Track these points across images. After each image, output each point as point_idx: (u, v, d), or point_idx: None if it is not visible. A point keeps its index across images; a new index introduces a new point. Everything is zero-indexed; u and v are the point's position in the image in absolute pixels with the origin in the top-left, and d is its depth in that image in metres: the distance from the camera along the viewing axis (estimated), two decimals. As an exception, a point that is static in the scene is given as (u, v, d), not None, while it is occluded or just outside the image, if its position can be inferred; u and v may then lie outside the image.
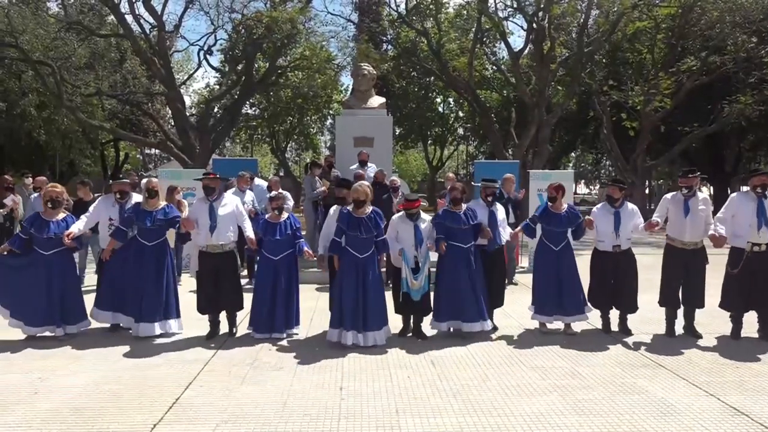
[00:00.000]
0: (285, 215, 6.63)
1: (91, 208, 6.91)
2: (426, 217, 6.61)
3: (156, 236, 6.57)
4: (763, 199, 6.19)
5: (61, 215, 6.57)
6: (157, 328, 6.46)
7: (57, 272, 6.43)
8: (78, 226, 6.55)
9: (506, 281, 6.93)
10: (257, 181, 10.66)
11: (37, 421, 4.26)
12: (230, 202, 6.61)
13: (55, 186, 6.74)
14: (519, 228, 6.76)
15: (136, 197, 7.01)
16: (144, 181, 7.15)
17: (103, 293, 6.77)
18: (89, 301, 6.83)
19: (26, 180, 11.13)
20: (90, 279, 8.75)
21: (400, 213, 6.68)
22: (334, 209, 6.66)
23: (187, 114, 22.62)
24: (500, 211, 6.84)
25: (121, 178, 6.78)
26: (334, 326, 6.19)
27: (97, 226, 7.05)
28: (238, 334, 6.62)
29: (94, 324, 6.78)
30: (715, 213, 6.61)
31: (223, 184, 6.95)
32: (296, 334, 6.62)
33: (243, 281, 7.38)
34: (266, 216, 6.70)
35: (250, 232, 6.56)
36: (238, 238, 6.73)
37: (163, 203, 6.75)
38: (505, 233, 6.86)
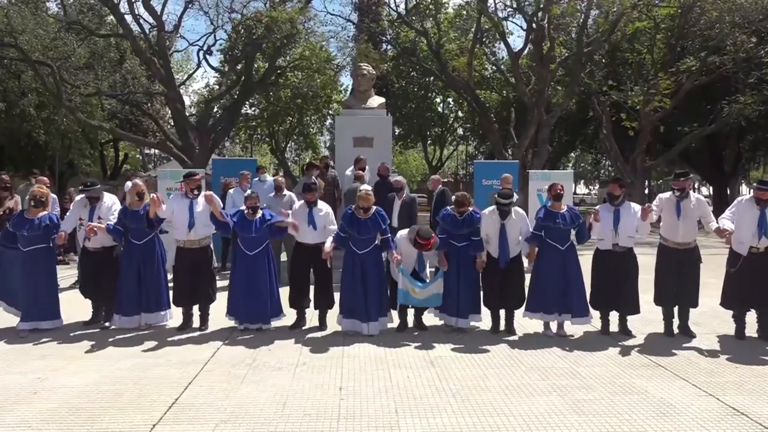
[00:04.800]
0: (259, 213, 6.77)
1: (70, 209, 7.25)
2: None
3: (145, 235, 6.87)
4: (765, 210, 6.22)
5: (42, 213, 6.78)
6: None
7: (34, 268, 6.67)
8: (65, 227, 6.94)
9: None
10: (266, 175, 10.98)
11: (36, 422, 4.26)
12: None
13: (41, 186, 6.99)
14: (532, 248, 6.64)
15: (108, 198, 7.21)
16: (128, 183, 7.44)
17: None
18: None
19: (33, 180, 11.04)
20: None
21: (407, 235, 6.71)
22: (298, 205, 7.03)
23: (187, 114, 22.59)
24: (517, 222, 6.67)
25: (91, 184, 7.14)
26: (342, 315, 6.65)
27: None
28: (239, 336, 6.63)
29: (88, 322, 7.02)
30: (715, 213, 6.62)
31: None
32: (281, 319, 6.93)
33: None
34: (244, 212, 6.77)
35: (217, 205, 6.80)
36: (232, 237, 7.13)
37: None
38: (520, 246, 6.73)
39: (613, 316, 6.75)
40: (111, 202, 7.17)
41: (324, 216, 6.87)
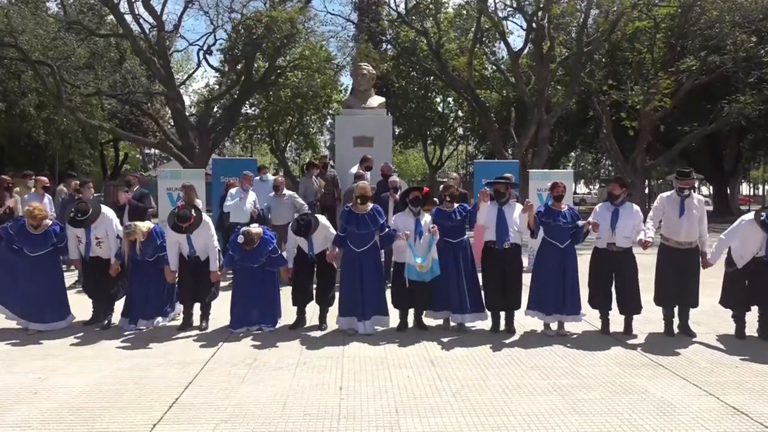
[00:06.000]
0: (258, 240, 6.60)
1: (67, 230, 6.98)
2: (427, 216, 6.80)
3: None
4: None
5: (46, 224, 6.78)
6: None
7: (40, 272, 6.74)
8: (72, 255, 7.00)
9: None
10: (268, 175, 11.10)
11: (36, 421, 4.26)
12: (203, 233, 6.78)
13: (33, 213, 6.69)
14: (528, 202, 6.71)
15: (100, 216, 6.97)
16: (122, 229, 7.00)
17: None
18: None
19: (71, 183, 10.93)
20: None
21: (402, 211, 6.89)
22: (291, 227, 6.88)
23: (187, 114, 22.61)
24: (516, 209, 6.73)
25: (82, 214, 6.73)
26: (340, 314, 6.66)
27: None
28: (239, 336, 6.63)
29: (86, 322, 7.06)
30: (711, 212, 6.61)
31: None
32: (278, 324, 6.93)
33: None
34: (240, 241, 6.54)
35: (214, 264, 6.75)
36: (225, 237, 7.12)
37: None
38: (520, 235, 6.78)
39: (614, 316, 6.74)
40: (104, 219, 6.91)
41: (321, 231, 6.78)
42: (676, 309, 6.63)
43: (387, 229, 6.69)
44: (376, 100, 12.33)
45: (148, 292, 6.83)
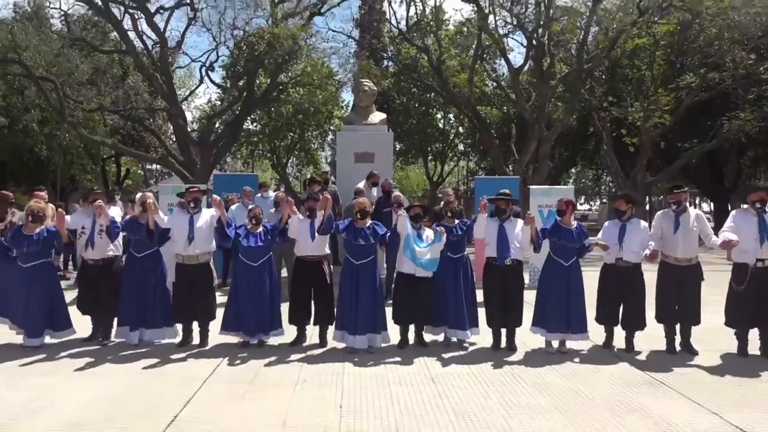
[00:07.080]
0: (260, 228, 6.79)
1: (74, 215, 7.26)
2: (428, 231, 6.79)
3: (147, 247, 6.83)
4: (763, 215, 6.20)
5: (40, 227, 6.77)
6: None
7: (35, 284, 6.68)
8: (69, 225, 6.96)
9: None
10: (269, 192, 11.26)
11: (35, 439, 4.24)
12: (206, 214, 6.87)
13: (38, 201, 6.93)
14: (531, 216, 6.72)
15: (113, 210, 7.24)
16: (138, 195, 7.39)
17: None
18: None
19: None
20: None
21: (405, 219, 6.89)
22: (298, 220, 6.94)
23: (189, 130, 22.68)
24: (517, 226, 6.71)
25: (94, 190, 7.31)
26: (336, 328, 6.64)
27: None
28: (239, 353, 6.59)
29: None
30: (716, 229, 6.61)
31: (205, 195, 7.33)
32: (281, 334, 6.85)
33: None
34: (247, 226, 6.81)
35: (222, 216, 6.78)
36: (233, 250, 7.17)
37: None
38: (521, 252, 6.75)
39: (618, 331, 6.71)
40: (113, 213, 7.17)
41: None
42: (677, 326, 6.60)
43: (387, 235, 6.73)
44: (377, 116, 12.39)
45: (141, 298, 6.73)
